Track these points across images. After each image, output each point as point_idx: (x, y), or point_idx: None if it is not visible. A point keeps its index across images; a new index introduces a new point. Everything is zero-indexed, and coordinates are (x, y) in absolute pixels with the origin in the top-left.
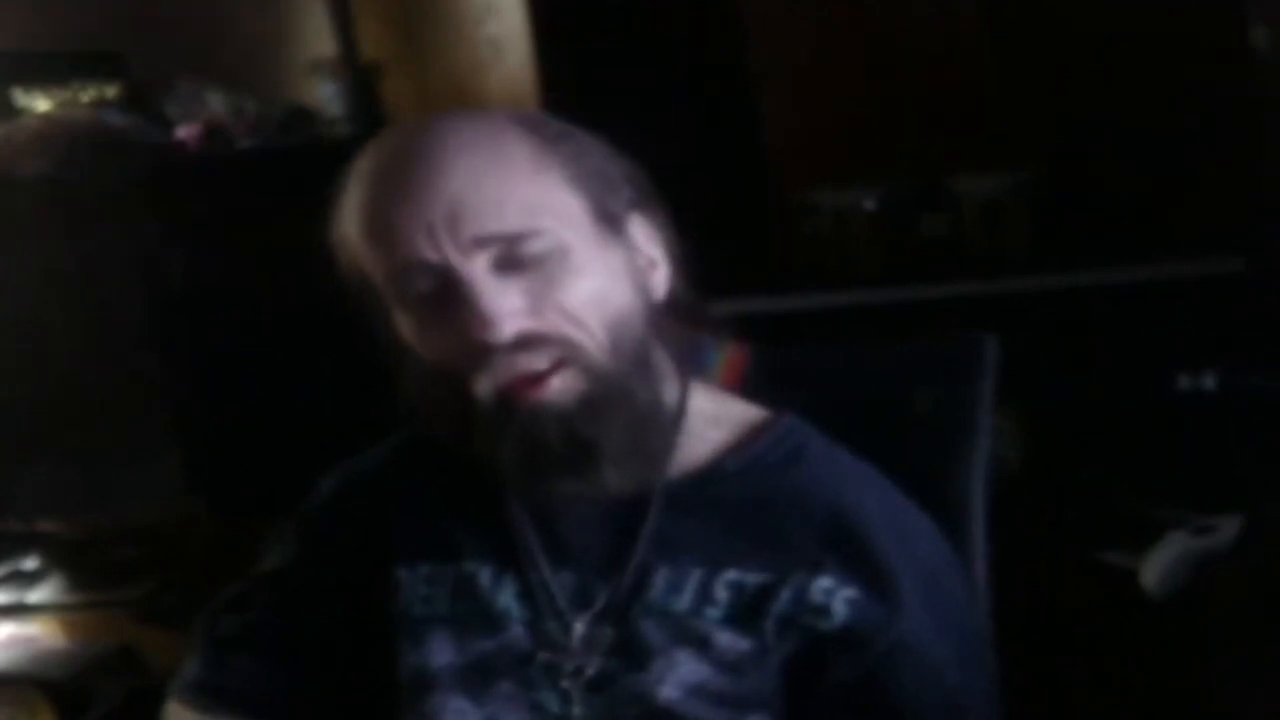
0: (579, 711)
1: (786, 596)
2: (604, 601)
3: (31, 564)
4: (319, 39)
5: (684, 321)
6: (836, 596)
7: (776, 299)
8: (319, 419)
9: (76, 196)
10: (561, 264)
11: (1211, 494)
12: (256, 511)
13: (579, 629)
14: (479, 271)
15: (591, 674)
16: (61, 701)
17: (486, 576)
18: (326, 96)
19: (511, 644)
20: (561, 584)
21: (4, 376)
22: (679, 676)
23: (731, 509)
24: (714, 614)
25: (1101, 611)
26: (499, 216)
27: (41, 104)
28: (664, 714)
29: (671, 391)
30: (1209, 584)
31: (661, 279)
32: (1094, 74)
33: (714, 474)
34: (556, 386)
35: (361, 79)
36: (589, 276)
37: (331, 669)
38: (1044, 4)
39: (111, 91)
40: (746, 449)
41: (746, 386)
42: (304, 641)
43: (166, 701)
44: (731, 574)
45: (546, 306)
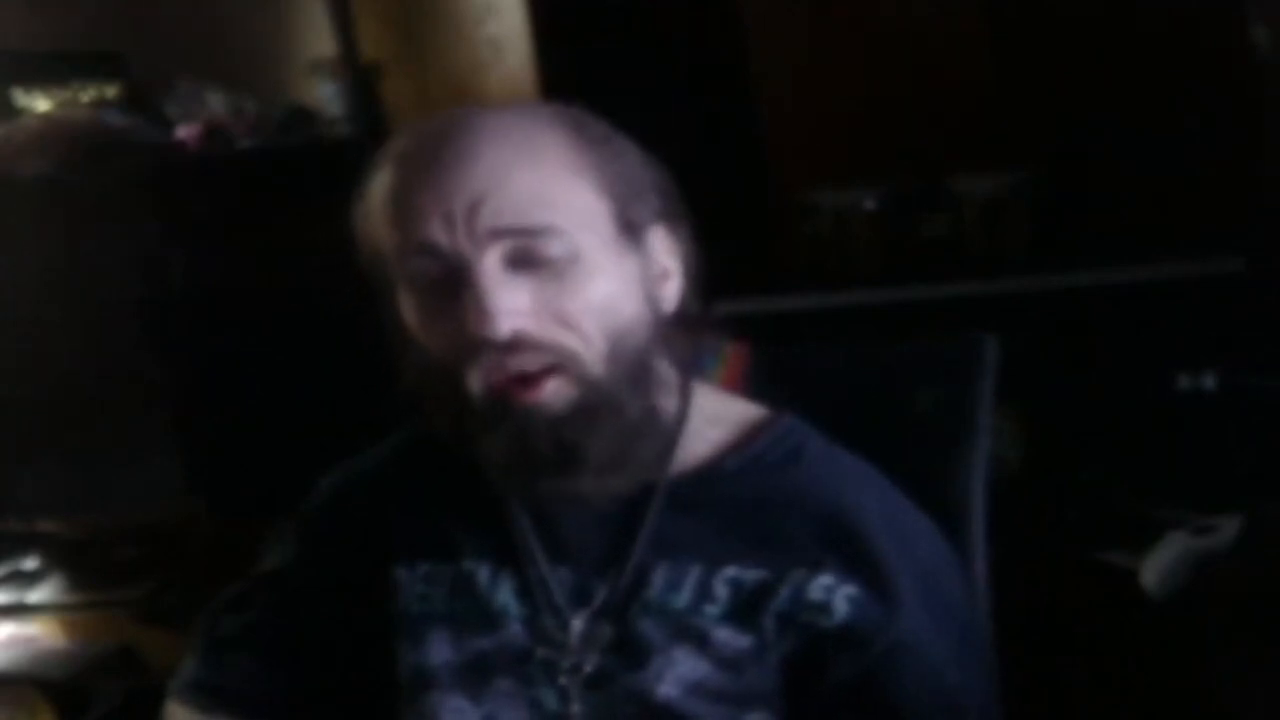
0: (577, 709)
1: (786, 594)
2: (602, 599)
3: (31, 564)
4: (319, 39)
5: (689, 329)
6: (837, 594)
7: (776, 299)
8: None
9: (76, 196)
10: (574, 267)
11: (1211, 494)
12: (256, 511)
13: (577, 626)
14: (489, 265)
15: (590, 671)
16: (61, 701)
17: (485, 574)
18: (326, 96)
19: (510, 641)
20: (560, 581)
21: (4, 376)
22: (678, 674)
23: (731, 508)
24: (713, 611)
25: (1101, 611)
26: (520, 211)
27: (41, 104)
28: (663, 711)
29: (672, 397)
30: (1209, 584)
31: (673, 290)
32: (1094, 74)
33: (714, 473)
34: (550, 390)
35: (361, 79)
36: (599, 283)
37: (331, 669)
38: (1044, 4)
39: (111, 91)
40: (746, 448)
41: (746, 386)
42: (303, 641)
43: (166, 701)
44: (730, 571)
45: (550, 310)
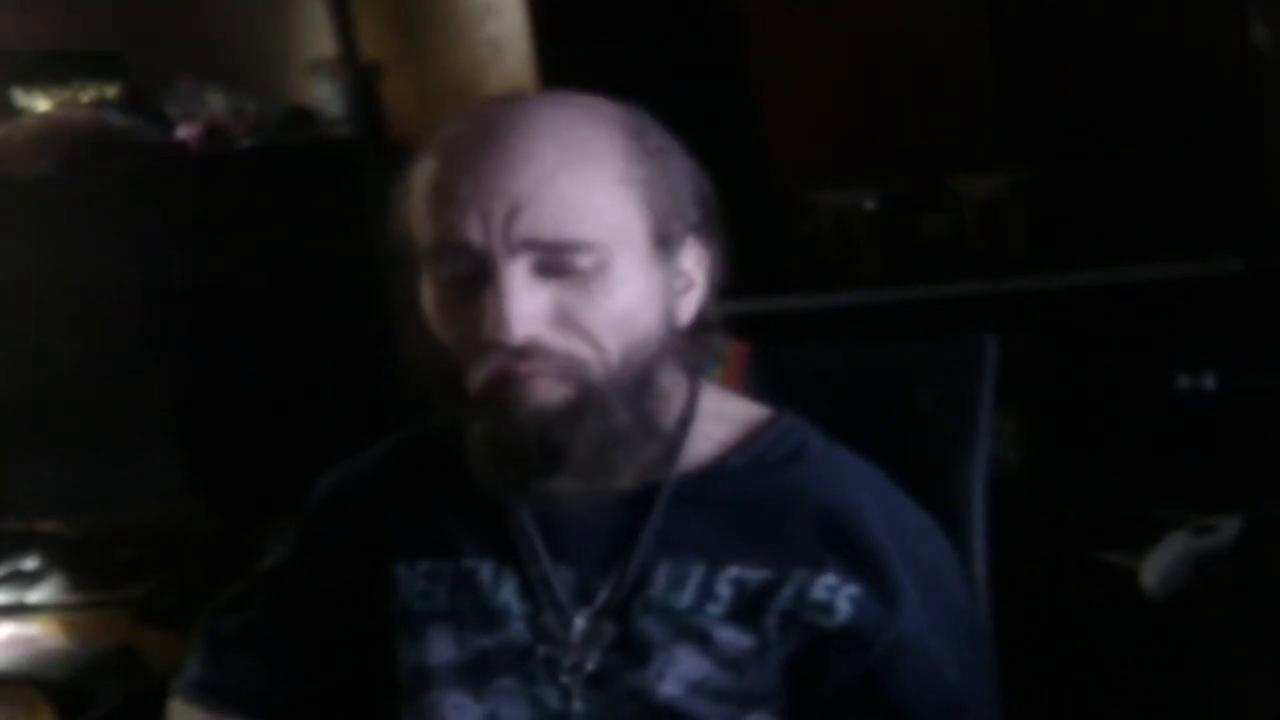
0: (579, 707)
1: (788, 594)
2: (605, 597)
3: (31, 564)
4: (319, 39)
5: (700, 336)
6: (840, 594)
7: (776, 299)
8: (319, 418)
9: (77, 196)
10: (600, 279)
11: (1211, 494)
12: (256, 511)
13: (579, 624)
14: (516, 271)
15: (591, 669)
16: (61, 701)
17: (487, 573)
18: (326, 96)
19: (511, 639)
20: (562, 579)
21: (4, 376)
22: (679, 673)
23: (733, 507)
24: (715, 611)
25: (1101, 611)
26: (557, 223)
27: (41, 104)
28: (664, 710)
29: (677, 401)
30: (1209, 584)
31: (693, 301)
32: (1094, 74)
33: (716, 472)
34: (545, 387)
35: (361, 79)
36: (622, 296)
37: (332, 667)
38: (1044, 4)
39: (111, 91)
40: (748, 447)
41: (746, 386)
42: (305, 640)
43: (169, 700)
44: (733, 571)
45: (568, 319)
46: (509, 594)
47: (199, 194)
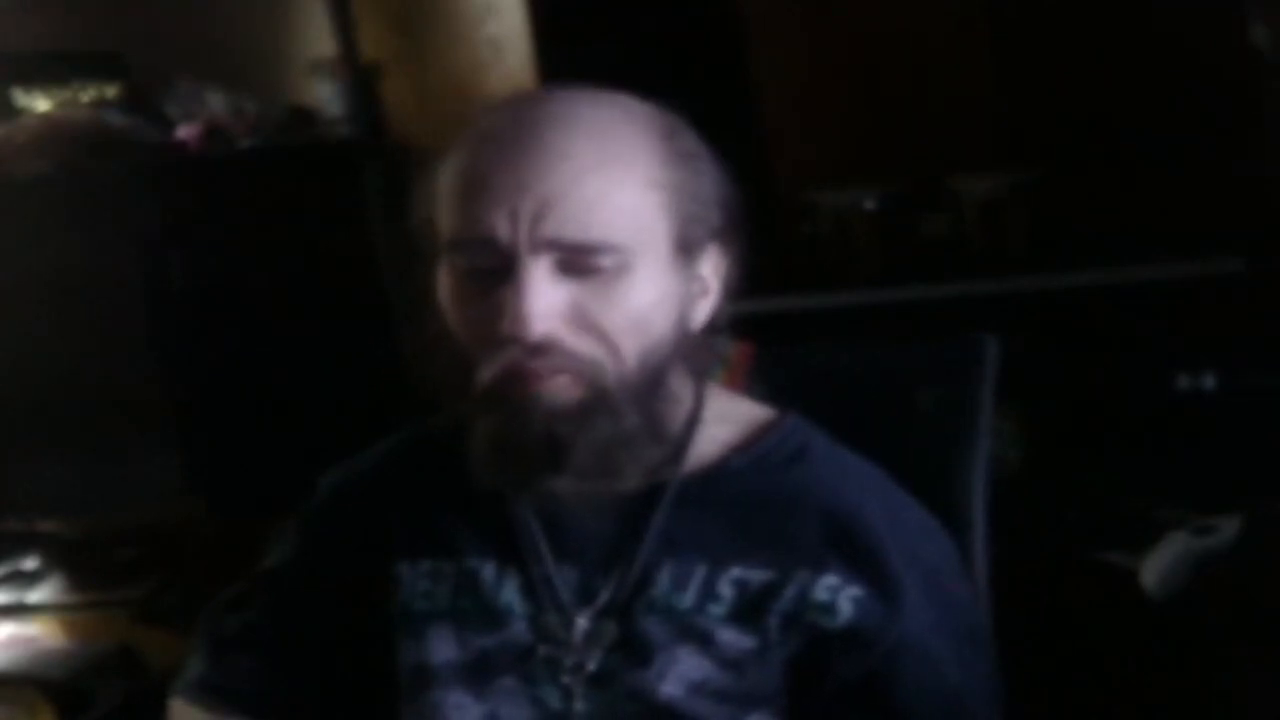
0: (580, 707)
1: (791, 595)
2: (607, 597)
3: (31, 564)
4: (319, 39)
5: (709, 339)
6: (842, 595)
7: (776, 299)
8: (319, 419)
9: (76, 196)
10: (620, 281)
11: (1211, 494)
12: (256, 511)
13: (581, 624)
14: (539, 269)
15: (593, 669)
16: (61, 701)
17: (489, 572)
18: (326, 96)
19: (513, 639)
20: (564, 579)
21: (4, 376)
22: (681, 673)
23: (736, 507)
24: (717, 611)
25: (1101, 611)
26: (584, 224)
27: (41, 104)
28: (665, 711)
29: (684, 403)
30: (1209, 584)
31: (706, 306)
32: (1094, 74)
33: (719, 472)
34: (556, 385)
35: (361, 79)
36: (640, 299)
37: (333, 667)
38: (1044, 4)
39: (111, 91)
40: (751, 448)
41: (748, 386)
42: (306, 640)
43: (170, 699)
44: (736, 571)
45: (585, 320)
46: (511, 594)
47: (199, 194)
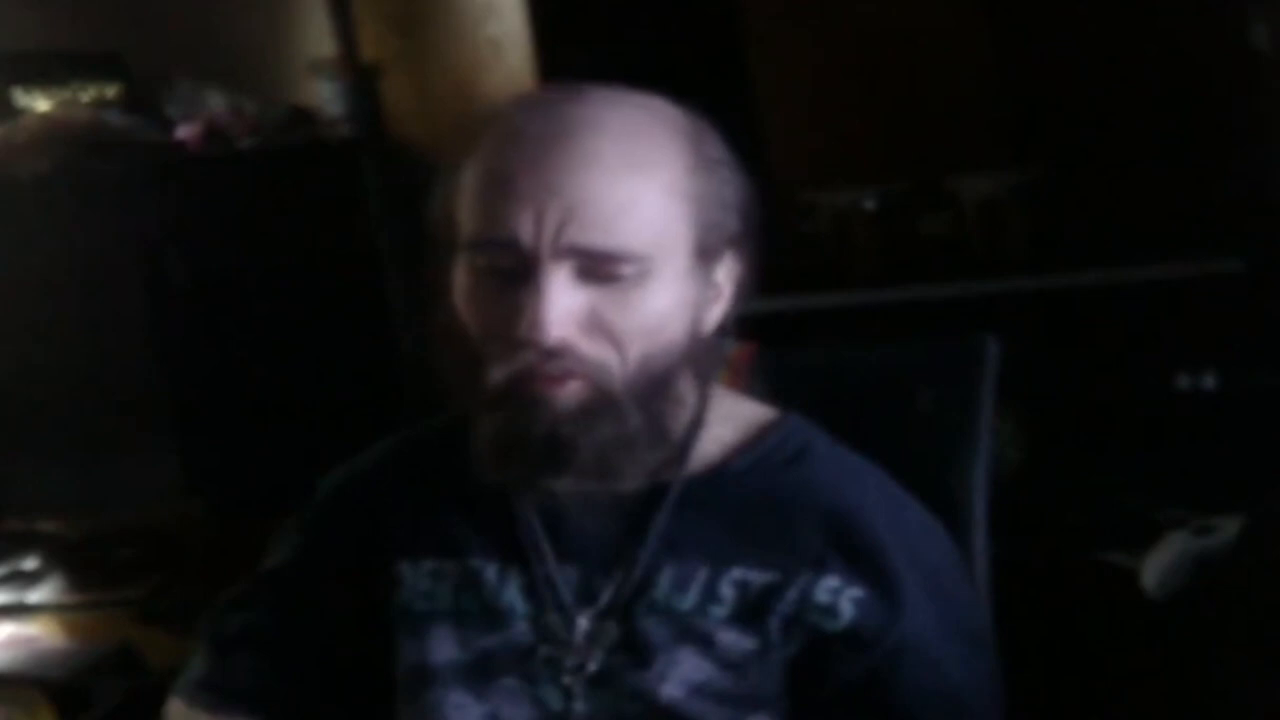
0: (580, 707)
1: (792, 596)
2: (608, 598)
3: (31, 564)
4: (319, 39)
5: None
6: (843, 596)
7: (776, 299)
8: (319, 419)
9: (76, 196)
10: (638, 289)
11: (1211, 494)
12: (256, 511)
13: (582, 624)
14: (560, 274)
15: (594, 670)
16: (61, 701)
17: (492, 573)
18: (326, 96)
19: (514, 639)
20: (566, 579)
21: (4, 376)
22: (681, 674)
23: (737, 507)
24: (719, 613)
25: (1101, 611)
26: (609, 231)
27: (41, 104)
28: (666, 712)
29: (688, 406)
30: (1209, 584)
31: (718, 311)
32: (1094, 74)
33: (720, 473)
34: (564, 389)
35: (361, 79)
36: (656, 306)
37: (335, 666)
38: (1044, 4)
39: (111, 91)
40: (753, 448)
41: (749, 386)
42: (308, 639)
43: (170, 699)
44: (737, 573)
45: (600, 325)
46: (513, 594)
47: (199, 194)
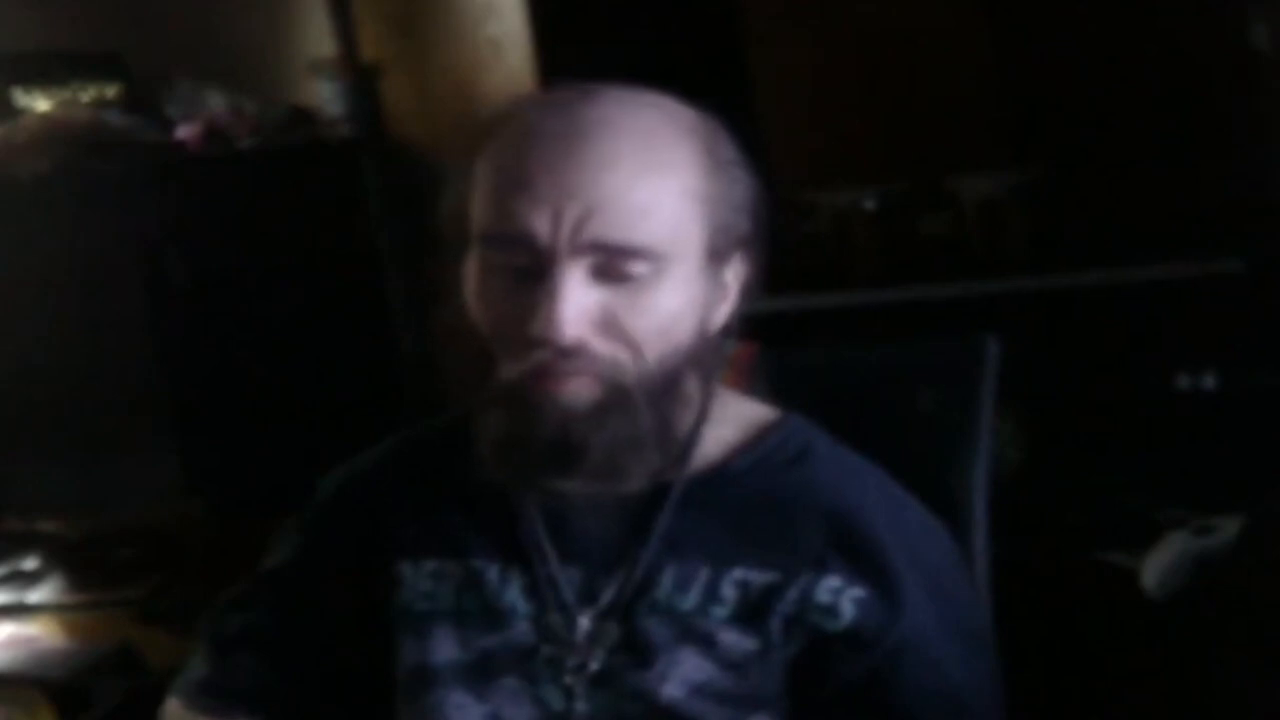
0: (581, 707)
1: (793, 596)
2: (610, 598)
3: (31, 564)
4: (319, 39)
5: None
6: (844, 596)
7: (776, 299)
8: (319, 418)
9: (76, 196)
10: (651, 288)
11: (1211, 494)
12: (256, 511)
13: (584, 624)
14: (576, 273)
15: (595, 670)
16: (61, 701)
17: (493, 573)
18: (326, 96)
19: (516, 639)
20: (568, 579)
21: (4, 376)
22: (683, 675)
23: (739, 508)
24: (720, 613)
25: (1101, 611)
26: (627, 230)
27: (41, 104)
28: (667, 712)
29: (692, 406)
30: (1209, 584)
31: (724, 311)
32: (1094, 74)
33: (722, 473)
34: (573, 387)
35: (361, 79)
36: (668, 305)
37: (335, 666)
38: (1044, 4)
39: (111, 91)
40: (754, 448)
41: (750, 386)
42: (308, 639)
43: (169, 699)
44: (738, 573)
45: (614, 325)
46: (515, 594)
47: (199, 194)
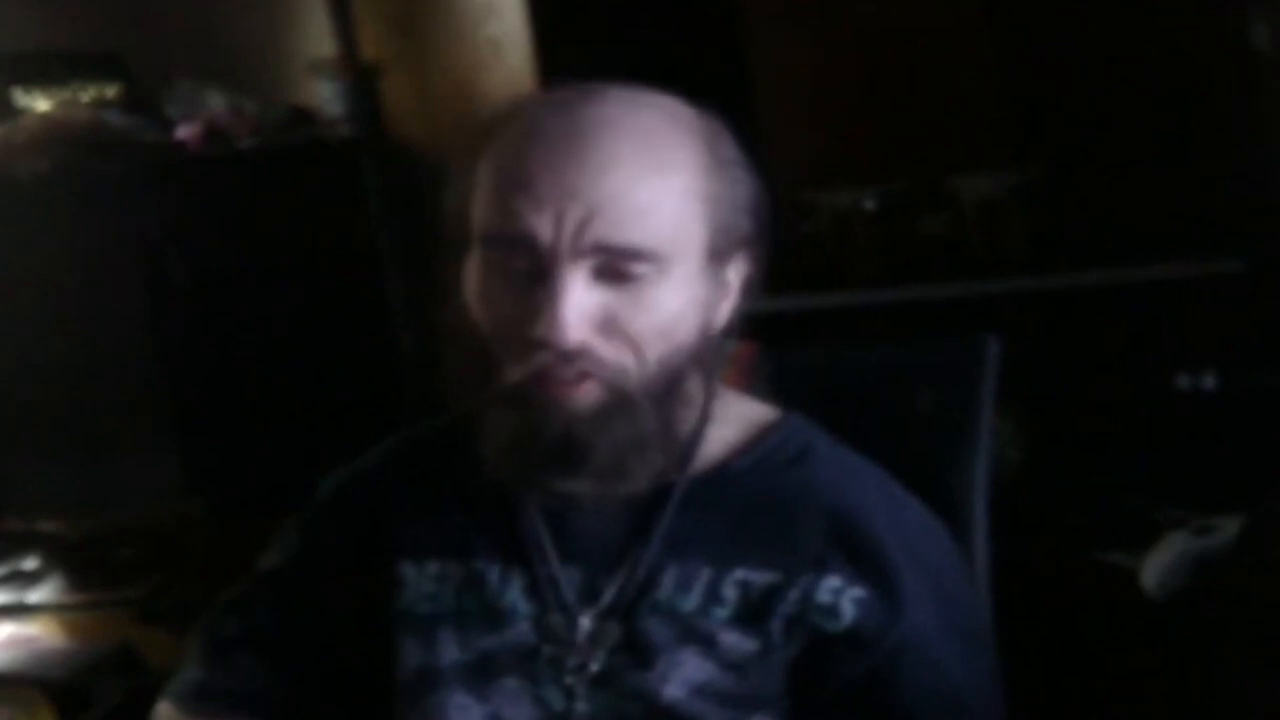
0: (582, 707)
1: (794, 597)
2: (611, 598)
3: (31, 564)
4: (319, 39)
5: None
6: (844, 596)
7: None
8: (319, 418)
9: (76, 196)
10: (653, 289)
11: (1211, 494)
12: (256, 511)
13: (585, 624)
14: (579, 274)
15: (596, 670)
16: (61, 701)
17: (494, 573)
18: (326, 96)
19: (516, 640)
20: (569, 579)
21: (4, 376)
22: (684, 675)
23: (739, 508)
24: (721, 614)
25: (1101, 611)
26: (630, 231)
27: (41, 104)
28: (668, 713)
29: (694, 406)
30: (1209, 584)
31: (726, 310)
32: (1094, 74)
33: (723, 473)
34: (581, 391)
35: (361, 79)
36: (670, 306)
37: (334, 667)
38: (1044, 4)
39: (111, 91)
40: (754, 448)
41: (750, 386)
42: (308, 639)
43: (159, 702)
44: (739, 573)
45: (616, 326)
46: (515, 594)
47: (199, 194)
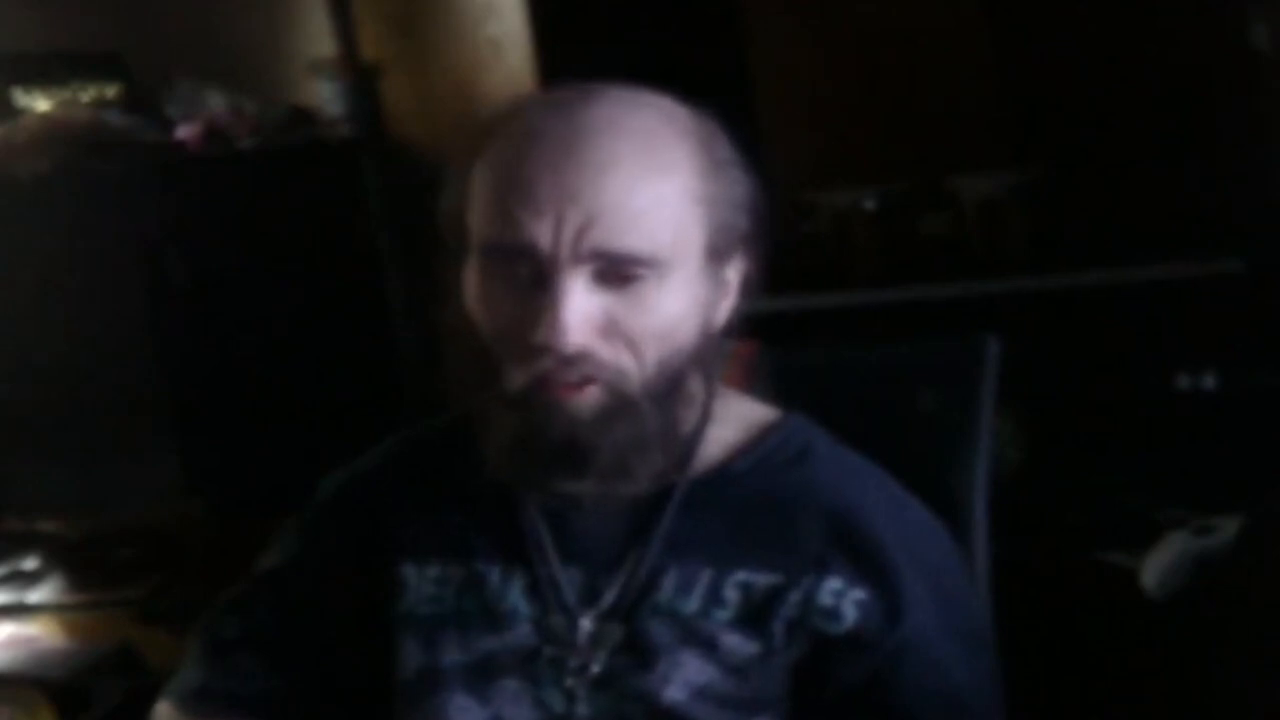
0: (583, 709)
1: (795, 599)
2: (612, 599)
3: (31, 564)
4: (319, 39)
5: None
6: (846, 599)
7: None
8: (319, 419)
9: (76, 196)
10: (653, 291)
11: (1211, 494)
12: (256, 511)
13: (586, 626)
14: (579, 279)
15: (597, 672)
16: (61, 701)
17: (495, 575)
18: (326, 96)
19: (517, 641)
20: (570, 580)
21: (4, 376)
22: (685, 677)
23: (740, 509)
24: (722, 616)
25: (1101, 611)
26: (629, 236)
27: (41, 104)
28: (668, 714)
29: (695, 406)
30: (1209, 584)
31: (725, 309)
32: (1094, 74)
33: (723, 474)
34: (583, 394)
35: (361, 79)
36: (671, 308)
37: (334, 668)
38: (1044, 4)
39: (111, 91)
40: (754, 449)
41: (750, 386)
42: (307, 640)
43: (158, 703)
44: (741, 575)
45: (617, 329)
46: (516, 595)
47: (199, 194)
